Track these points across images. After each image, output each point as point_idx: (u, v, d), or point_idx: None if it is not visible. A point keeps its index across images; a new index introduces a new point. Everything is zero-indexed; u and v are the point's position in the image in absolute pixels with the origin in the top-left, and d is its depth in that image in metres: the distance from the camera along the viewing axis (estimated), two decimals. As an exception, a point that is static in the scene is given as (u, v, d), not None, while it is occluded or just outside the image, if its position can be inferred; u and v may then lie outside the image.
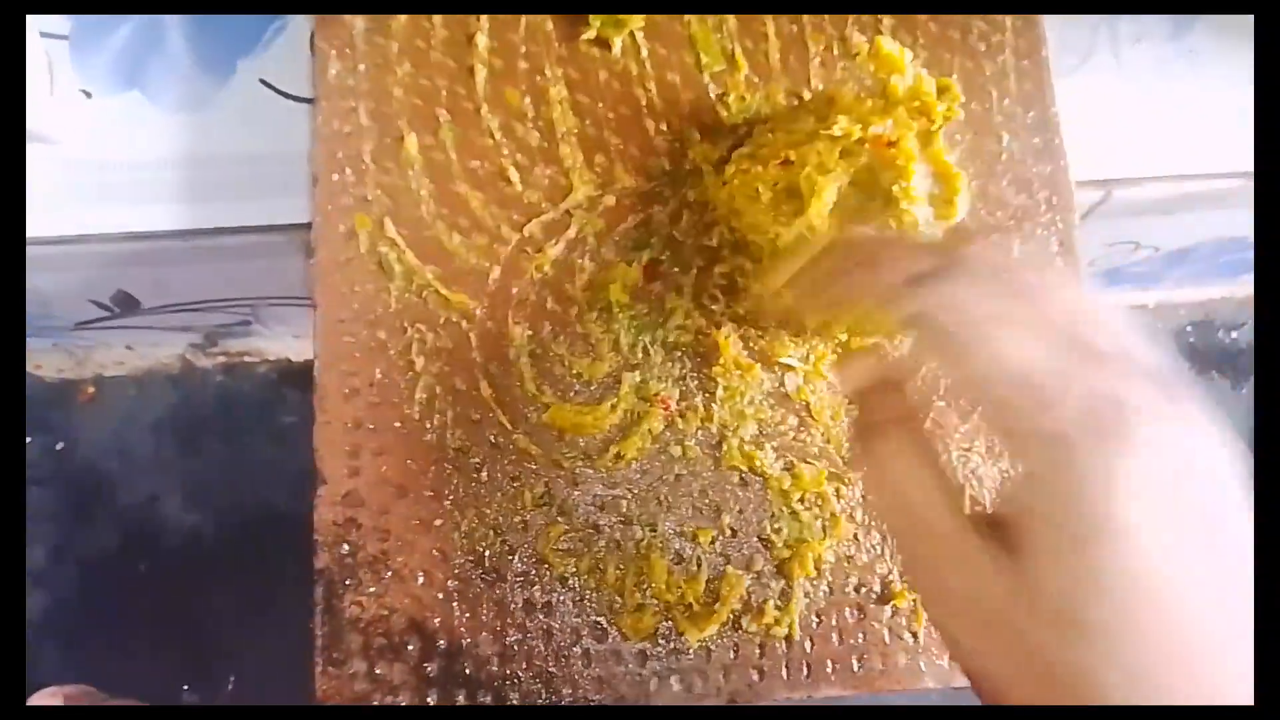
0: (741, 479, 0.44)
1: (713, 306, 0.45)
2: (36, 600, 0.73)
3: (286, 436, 0.76)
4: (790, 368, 0.45)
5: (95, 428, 0.77)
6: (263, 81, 0.53)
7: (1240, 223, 0.66)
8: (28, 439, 0.73)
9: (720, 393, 0.44)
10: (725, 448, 0.44)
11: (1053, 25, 0.52)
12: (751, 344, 0.45)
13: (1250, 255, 0.76)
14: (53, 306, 0.65)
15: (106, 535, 0.75)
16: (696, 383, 0.45)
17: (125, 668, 0.68)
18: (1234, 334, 0.86)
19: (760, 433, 0.44)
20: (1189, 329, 0.86)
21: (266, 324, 0.74)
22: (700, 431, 0.44)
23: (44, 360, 0.76)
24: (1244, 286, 0.86)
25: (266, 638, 0.66)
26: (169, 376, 0.78)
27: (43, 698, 0.58)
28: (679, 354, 0.45)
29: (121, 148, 0.52)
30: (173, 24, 0.54)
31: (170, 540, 0.75)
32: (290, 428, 0.77)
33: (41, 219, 0.51)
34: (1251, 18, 0.56)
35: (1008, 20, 0.49)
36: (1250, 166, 0.55)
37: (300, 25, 0.53)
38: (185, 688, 0.71)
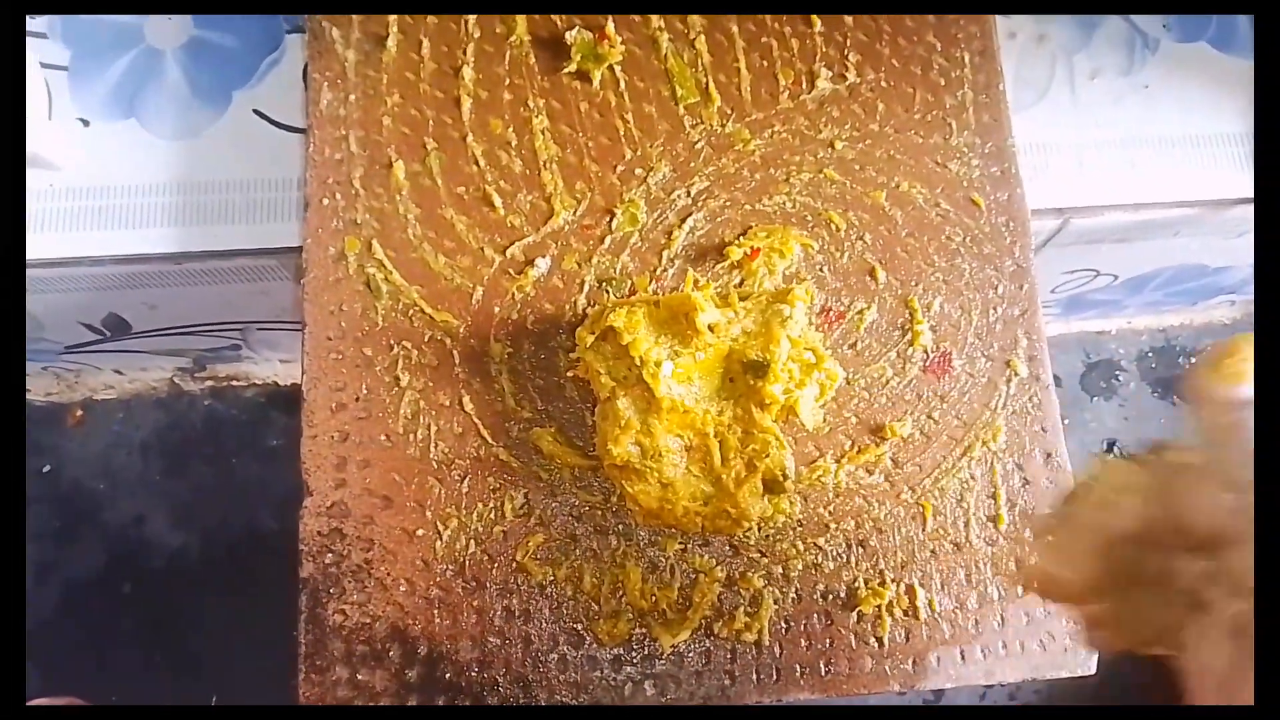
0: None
1: None
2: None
3: (273, 459, 0.77)
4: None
5: (83, 450, 0.77)
6: (256, 112, 0.55)
7: (1196, 250, 0.69)
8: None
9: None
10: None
11: (1010, 62, 0.55)
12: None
13: (1208, 283, 0.78)
14: (45, 330, 0.66)
15: (92, 556, 0.75)
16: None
17: (109, 687, 0.69)
18: (1193, 359, 0.89)
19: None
20: (1150, 354, 0.89)
21: (256, 348, 0.75)
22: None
23: (33, 384, 0.77)
24: (1203, 313, 0.89)
25: (250, 657, 0.66)
26: (157, 400, 0.79)
27: None
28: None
29: (118, 174, 0.54)
30: (170, 55, 0.56)
31: (156, 561, 0.76)
32: (277, 450, 0.78)
33: (37, 243, 0.53)
34: (1203, 52, 0.59)
35: (966, 56, 0.52)
36: (1205, 195, 0.58)
37: (294, 59, 0.55)
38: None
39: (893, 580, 0.45)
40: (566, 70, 0.49)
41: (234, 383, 0.80)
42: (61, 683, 0.67)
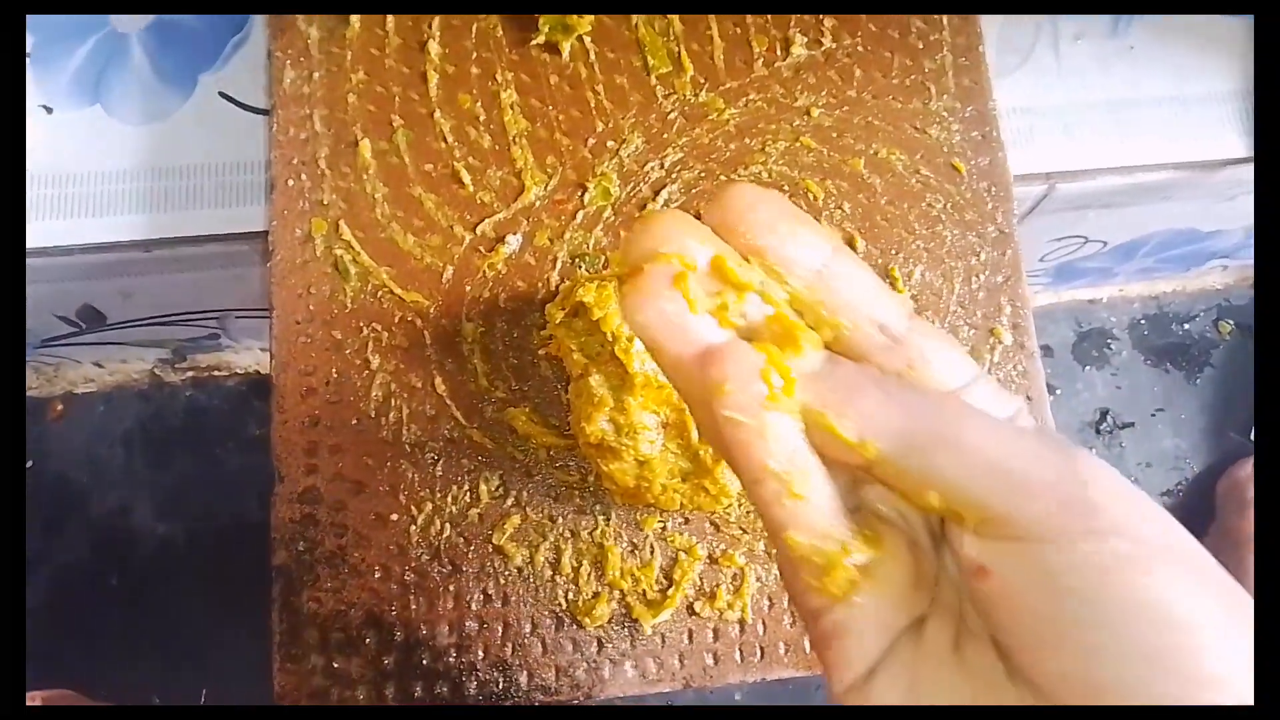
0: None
1: None
2: (7, 617, 0.73)
3: (256, 448, 0.77)
4: None
5: (65, 444, 0.77)
6: (223, 94, 0.54)
7: (1187, 214, 0.68)
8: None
9: None
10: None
11: (992, 25, 0.54)
12: None
13: (1200, 248, 0.77)
14: (19, 322, 0.65)
15: (78, 548, 0.75)
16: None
17: (97, 679, 0.68)
18: (1186, 326, 0.88)
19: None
20: (1142, 322, 0.88)
21: (235, 337, 0.75)
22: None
23: (13, 377, 0.76)
24: (1195, 279, 0.88)
25: (238, 647, 0.66)
26: (138, 392, 0.78)
27: None
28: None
29: (83, 161, 0.53)
30: (134, 39, 0.55)
31: (141, 552, 0.75)
32: (260, 439, 0.77)
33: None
34: (1185, 18, 0.58)
35: (945, 19, 0.51)
36: (1196, 157, 0.56)
37: (259, 39, 0.54)
38: (156, 700, 0.71)
39: (877, 555, 0.44)
40: (535, 42, 0.48)
41: (215, 373, 0.79)
42: (50, 674, 0.67)
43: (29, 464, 0.77)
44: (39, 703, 0.61)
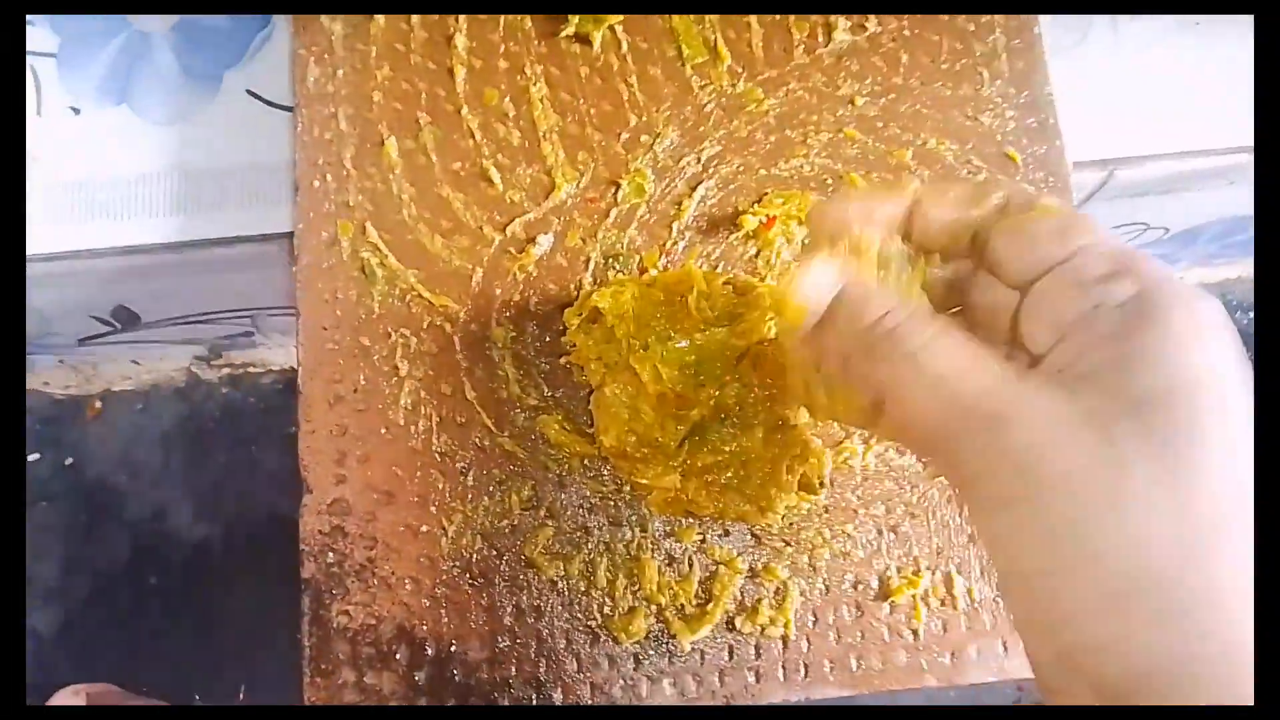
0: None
1: None
2: (50, 614, 0.74)
3: (292, 446, 0.76)
4: None
5: (104, 442, 0.77)
6: (249, 92, 0.53)
7: (1250, 200, 0.64)
8: (36, 456, 0.74)
9: None
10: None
11: (1047, 2, 0.51)
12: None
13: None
14: (53, 324, 0.65)
15: (117, 548, 0.75)
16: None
17: (138, 679, 0.69)
18: (1251, 315, 0.84)
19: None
20: (1205, 310, 0.84)
21: (268, 335, 0.74)
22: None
23: (50, 377, 0.77)
24: (1261, 266, 0.84)
25: (276, 646, 0.66)
26: (175, 389, 0.78)
27: (64, 696, 0.59)
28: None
29: (111, 163, 0.53)
30: (160, 38, 0.54)
31: (180, 551, 0.75)
32: (295, 437, 0.77)
33: (34, 236, 0.52)
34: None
35: (997, -1, 0.48)
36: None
37: (285, 35, 0.53)
38: (197, 698, 0.71)
39: (927, 568, 0.42)
40: (565, 33, 0.46)
41: (250, 369, 0.79)
42: (93, 671, 0.67)
43: (69, 461, 0.78)
44: (83, 698, 0.61)
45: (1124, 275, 0.24)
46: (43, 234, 0.52)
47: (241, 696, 0.72)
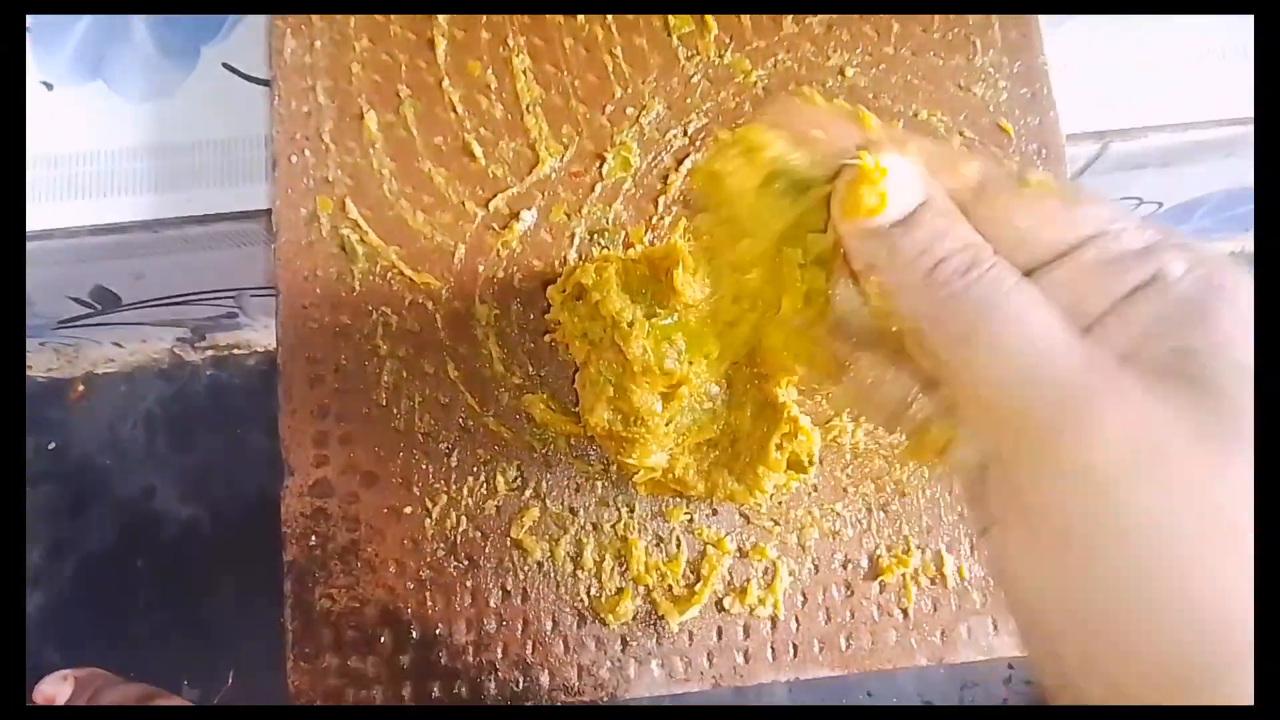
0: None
1: None
2: (36, 598, 0.73)
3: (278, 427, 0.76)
4: None
5: (88, 425, 0.76)
6: (226, 66, 0.52)
7: (1249, 171, 0.63)
8: (19, 438, 0.73)
9: None
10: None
11: (1041, -30, 0.50)
12: None
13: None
14: (35, 305, 0.64)
15: (103, 531, 0.74)
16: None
17: (125, 663, 0.68)
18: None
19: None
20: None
21: (253, 316, 0.73)
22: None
23: (33, 360, 0.76)
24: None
25: (266, 629, 0.65)
26: (159, 371, 0.77)
27: (52, 682, 0.58)
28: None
29: (86, 140, 0.51)
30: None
31: (167, 534, 0.75)
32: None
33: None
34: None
35: (991, -34, 0.47)
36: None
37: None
38: (185, 682, 0.71)
39: (917, 547, 0.41)
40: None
41: (235, 351, 0.78)
42: (80, 656, 0.67)
43: (52, 445, 0.77)
44: (71, 682, 0.60)
45: (1163, 250, 0.21)
46: (17, 213, 0.51)
47: (231, 680, 0.71)
